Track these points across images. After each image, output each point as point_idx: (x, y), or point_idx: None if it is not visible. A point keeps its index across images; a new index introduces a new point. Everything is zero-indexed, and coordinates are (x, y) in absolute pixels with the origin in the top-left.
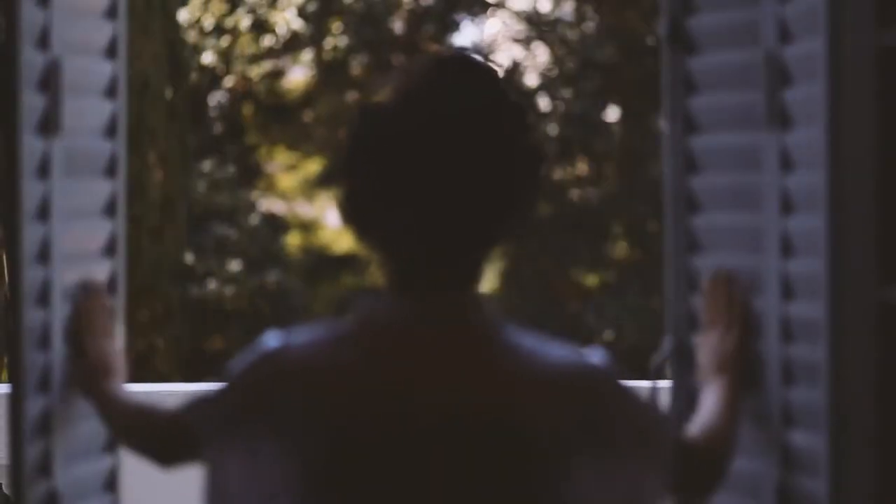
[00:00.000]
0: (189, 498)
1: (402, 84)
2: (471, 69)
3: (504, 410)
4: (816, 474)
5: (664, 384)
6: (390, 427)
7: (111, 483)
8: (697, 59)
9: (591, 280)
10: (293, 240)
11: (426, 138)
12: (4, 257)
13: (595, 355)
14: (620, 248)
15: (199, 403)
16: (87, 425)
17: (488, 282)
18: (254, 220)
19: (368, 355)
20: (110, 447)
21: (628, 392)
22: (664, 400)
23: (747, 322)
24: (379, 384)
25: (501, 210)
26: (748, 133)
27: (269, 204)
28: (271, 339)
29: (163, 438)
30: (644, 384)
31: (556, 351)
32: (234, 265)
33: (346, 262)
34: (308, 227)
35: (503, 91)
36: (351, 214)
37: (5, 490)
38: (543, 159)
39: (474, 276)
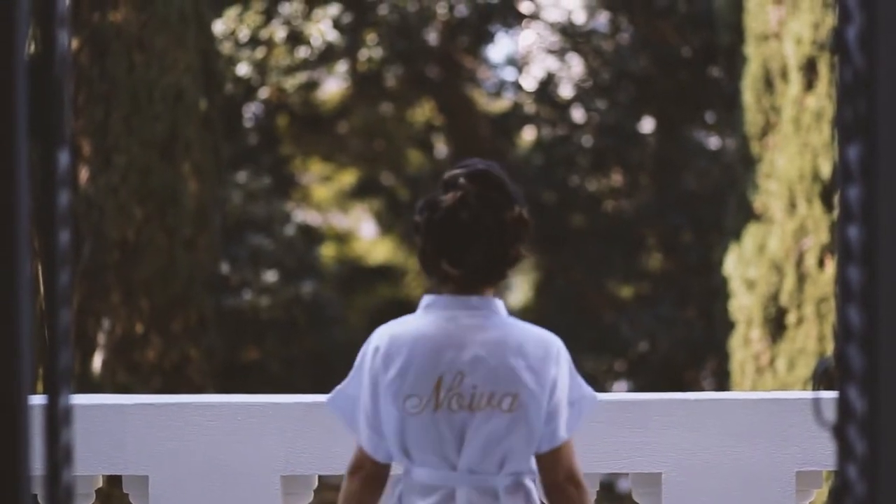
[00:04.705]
0: None
1: (449, 188)
2: (487, 180)
3: (502, 356)
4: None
5: (827, 395)
6: (444, 368)
7: None
8: None
9: (626, 291)
10: (328, 250)
11: (463, 222)
12: (39, 266)
13: (554, 336)
14: (654, 260)
15: (357, 421)
16: None
17: (522, 294)
18: (289, 230)
19: (434, 327)
20: None
21: (568, 359)
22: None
23: None
24: (437, 343)
25: (504, 254)
26: None
27: (304, 215)
28: (376, 331)
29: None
30: (678, 395)
31: (531, 326)
32: (270, 276)
33: (380, 272)
34: (343, 237)
35: (504, 189)
36: (422, 262)
37: (41, 502)
38: (527, 223)
39: (492, 286)
